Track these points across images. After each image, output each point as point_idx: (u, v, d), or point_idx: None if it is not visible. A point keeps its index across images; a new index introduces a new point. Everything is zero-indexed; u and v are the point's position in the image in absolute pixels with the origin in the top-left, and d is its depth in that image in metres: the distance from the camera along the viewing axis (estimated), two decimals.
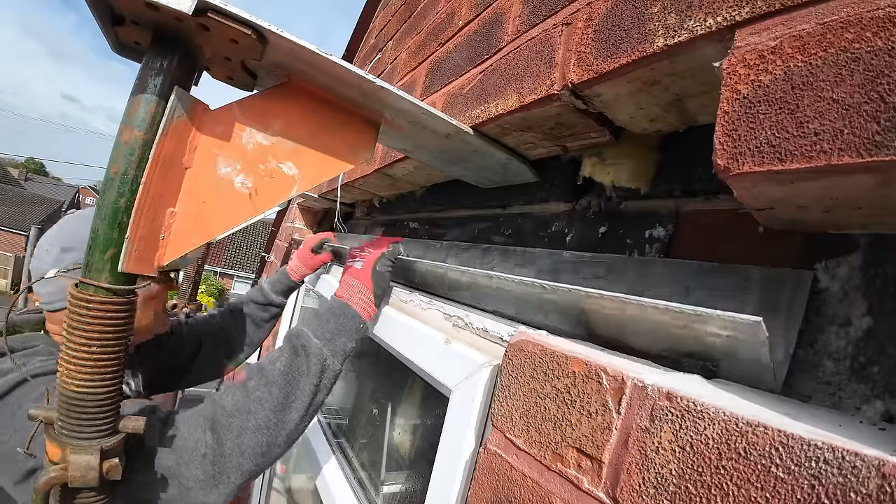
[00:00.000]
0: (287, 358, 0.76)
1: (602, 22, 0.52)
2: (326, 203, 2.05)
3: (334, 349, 0.79)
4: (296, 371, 0.75)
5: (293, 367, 0.75)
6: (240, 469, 0.70)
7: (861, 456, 0.24)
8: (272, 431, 0.72)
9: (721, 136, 0.35)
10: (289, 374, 0.75)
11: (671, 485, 0.32)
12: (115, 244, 0.53)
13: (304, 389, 0.74)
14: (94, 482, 0.56)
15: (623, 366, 0.40)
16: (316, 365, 0.76)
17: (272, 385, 0.73)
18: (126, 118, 0.53)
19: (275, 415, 0.72)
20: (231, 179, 0.61)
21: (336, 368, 0.78)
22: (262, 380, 0.74)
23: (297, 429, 0.75)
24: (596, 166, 0.67)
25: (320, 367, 0.76)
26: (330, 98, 0.66)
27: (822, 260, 0.40)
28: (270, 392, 0.73)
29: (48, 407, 0.59)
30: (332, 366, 0.78)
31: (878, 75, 0.28)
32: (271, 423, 0.72)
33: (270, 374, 0.74)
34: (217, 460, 0.69)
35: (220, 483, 0.69)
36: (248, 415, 0.71)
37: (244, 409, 0.71)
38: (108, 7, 0.49)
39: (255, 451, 0.71)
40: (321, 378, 0.76)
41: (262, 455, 0.71)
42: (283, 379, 0.74)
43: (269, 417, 0.71)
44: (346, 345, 0.80)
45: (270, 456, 0.73)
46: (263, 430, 0.71)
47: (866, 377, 0.35)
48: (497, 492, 0.47)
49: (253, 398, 0.72)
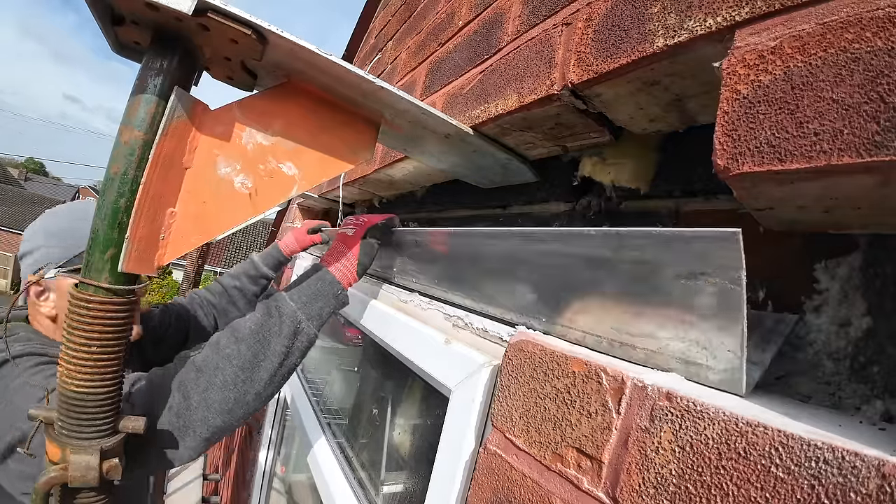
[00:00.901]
0: (259, 317, 0.76)
1: (602, 22, 0.52)
2: (326, 203, 2.05)
3: (310, 313, 0.78)
4: (266, 331, 0.75)
5: (265, 326, 0.75)
6: (206, 423, 0.70)
7: (861, 456, 0.24)
8: (239, 388, 0.72)
9: (721, 136, 0.35)
10: (259, 333, 0.74)
11: (671, 485, 0.32)
12: (115, 244, 0.53)
13: (275, 350, 0.74)
14: (94, 482, 0.56)
15: (623, 366, 0.41)
16: (289, 327, 0.75)
17: (241, 342, 0.73)
18: (126, 118, 0.53)
19: (243, 372, 0.72)
20: (231, 179, 0.61)
21: (310, 333, 0.78)
22: (232, 337, 0.74)
23: (265, 388, 0.74)
24: (596, 166, 0.67)
25: (293, 330, 0.76)
26: (330, 98, 0.66)
27: (822, 260, 0.40)
28: (239, 349, 0.72)
29: (48, 407, 0.59)
30: (307, 330, 0.77)
31: (878, 75, 0.28)
32: (238, 381, 0.71)
33: (240, 332, 0.74)
34: (182, 413, 0.69)
35: (185, 436, 0.70)
36: (215, 370, 0.71)
37: (212, 364, 0.72)
38: (108, 7, 0.49)
39: (221, 408, 0.71)
40: (293, 341, 0.76)
41: (229, 412, 0.72)
42: (253, 337, 0.74)
43: (236, 374, 0.71)
44: (322, 310, 0.80)
45: (237, 414, 0.73)
46: (230, 386, 0.71)
47: (866, 377, 0.35)
48: (497, 492, 0.47)
49: (222, 354, 0.72)
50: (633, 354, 0.44)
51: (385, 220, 0.90)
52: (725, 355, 0.36)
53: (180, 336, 1.26)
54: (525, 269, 0.59)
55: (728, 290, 0.35)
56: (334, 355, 2.10)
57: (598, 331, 0.48)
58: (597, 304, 0.48)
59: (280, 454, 2.16)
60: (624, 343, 0.45)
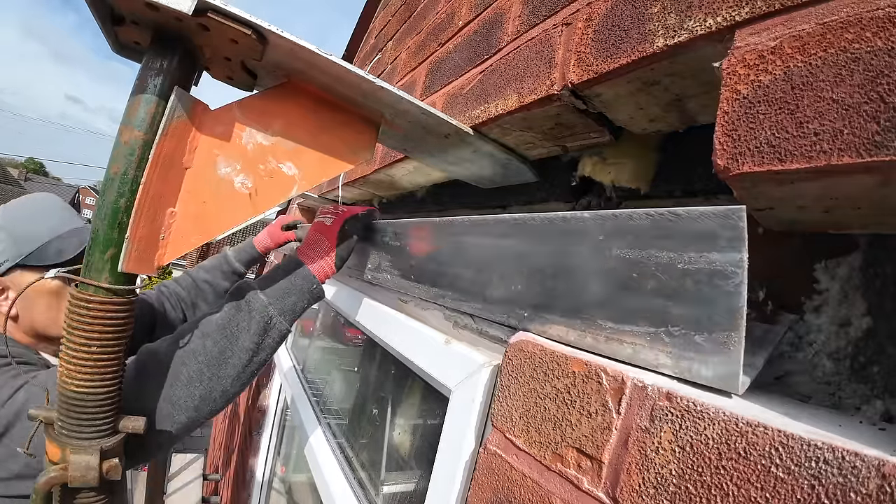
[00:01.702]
0: (227, 312, 0.73)
1: (602, 22, 0.52)
2: (327, 203, 2.05)
3: (282, 308, 0.75)
4: (235, 326, 0.72)
5: (233, 321, 0.72)
6: (171, 419, 0.68)
7: (861, 456, 0.24)
8: (205, 385, 0.69)
9: (721, 136, 0.35)
10: (227, 328, 0.71)
11: (671, 485, 0.32)
12: (115, 244, 0.53)
13: (243, 346, 0.71)
14: (94, 482, 0.56)
15: (623, 366, 0.40)
16: (258, 322, 0.73)
17: (207, 338, 0.70)
18: (126, 118, 0.53)
19: (208, 368, 0.69)
20: (231, 179, 0.61)
21: (282, 328, 0.75)
22: (199, 332, 0.71)
23: (233, 385, 0.72)
24: (596, 166, 0.67)
25: (263, 325, 0.73)
26: (330, 98, 0.66)
27: (822, 260, 0.40)
28: (205, 345, 0.70)
29: (48, 407, 0.59)
30: (278, 325, 0.75)
31: (878, 75, 0.28)
32: (204, 377, 0.69)
33: (207, 327, 0.71)
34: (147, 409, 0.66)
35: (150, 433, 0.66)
36: (180, 366, 0.68)
37: (177, 359, 0.69)
38: (108, 7, 0.49)
39: (186, 404, 0.68)
40: (264, 337, 0.73)
41: (195, 409, 0.69)
42: (220, 333, 0.71)
43: (201, 371, 0.69)
44: (296, 304, 0.77)
45: (204, 410, 0.70)
46: (196, 382, 0.68)
47: (866, 377, 0.35)
48: (497, 492, 0.47)
49: (187, 350, 0.69)
50: (620, 351, 0.42)
51: (365, 211, 0.87)
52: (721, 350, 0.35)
53: (145, 330, 1.20)
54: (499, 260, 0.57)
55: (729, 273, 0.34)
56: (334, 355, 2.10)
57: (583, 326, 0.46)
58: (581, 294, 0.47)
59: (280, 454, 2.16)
60: (610, 338, 0.43)
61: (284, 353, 2.16)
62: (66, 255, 0.92)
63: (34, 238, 0.89)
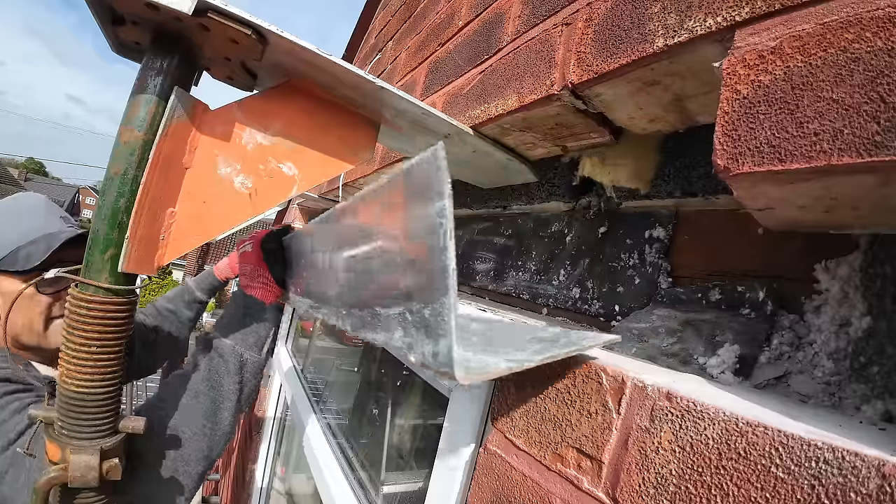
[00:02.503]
0: (205, 365, 0.81)
1: (602, 22, 0.52)
2: (326, 203, 2.05)
3: (247, 342, 0.83)
4: (216, 375, 0.80)
5: (212, 371, 0.80)
6: (188, 475, 0.75)
7: (861, 456, 0.24)
8: (209, 436, 0.78)
9: (721, 136, 0.35)
10: (210, 379, 0.79)
11: (671, 485, 0.32)
12: (115, 244, 0.53)
13: (229, 389, 0.80)
14: (94, 482, 0.56)
15: (623, 366, 0.40)
16: (234, 364, 0.81)
17: (200, 395, 0.78)
18: (126, 119, 0.53)
19: (208, 420, 0.78)
20: (231, 179, 0.61)
21: (255, 360, 0.83)
22: (189, 392, 0.79)
23: (231, 425, 0.81)
24: (596, 166, 0.67)
25: (238, 365, 0.81)
26: (330, 98, 0.66)
27: (822, 260, 0.40)
28: (199, 402, 0.78)
29: (48, 407, 0.59)
30: (251, 359, 0.83)
31: (878, 75, 0.28)
32: (206, 429, 0.77)
33: (194, 386, 0.79)
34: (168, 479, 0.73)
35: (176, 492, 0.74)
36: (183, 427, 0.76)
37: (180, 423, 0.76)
38: (109, 7, 0.49)
39: (198, 456, 0.76)
40: (242, 374, 0.82)
41: (206, 458, 0.78)
42: (206, 384, 0.79)
43: (203, 424, 0.77)
44: (258, 333, 0.84)
45: (213, 455, 0.79)
46: (200, 436, 0.77)
47: (866, 377, 0.35)
48: (497, 492, 0.47)
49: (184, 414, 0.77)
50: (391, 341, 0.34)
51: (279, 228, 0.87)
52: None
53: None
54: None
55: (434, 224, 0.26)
56: (334, 355, 2.10)
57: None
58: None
59: (280, 454, 2.16)
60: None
61: (284, 354, 2.16)
62: (33, 260, 0.90)
63: (5, 244, 0.89)
